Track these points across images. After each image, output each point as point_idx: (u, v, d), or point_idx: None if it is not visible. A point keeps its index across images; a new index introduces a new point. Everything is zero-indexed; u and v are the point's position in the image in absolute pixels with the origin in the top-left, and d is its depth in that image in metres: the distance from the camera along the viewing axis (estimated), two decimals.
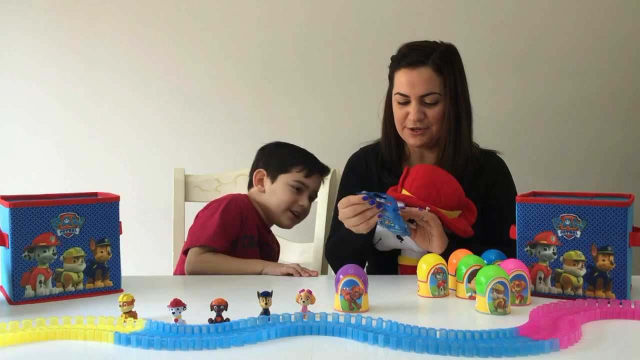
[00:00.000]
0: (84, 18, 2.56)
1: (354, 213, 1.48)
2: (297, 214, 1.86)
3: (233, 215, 1.76)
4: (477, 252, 1.43)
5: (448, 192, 1.57)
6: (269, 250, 1.88)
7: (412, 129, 1.70)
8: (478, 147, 1.79)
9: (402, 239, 1.55)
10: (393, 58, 1.74)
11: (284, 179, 1.84)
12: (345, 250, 1.64)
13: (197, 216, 1.85)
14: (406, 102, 1.69)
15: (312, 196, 1.90)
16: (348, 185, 1.81)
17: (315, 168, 1.87)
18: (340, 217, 1.53)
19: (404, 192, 1.59)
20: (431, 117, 1.68)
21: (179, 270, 1.80)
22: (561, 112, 2.48)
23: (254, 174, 1.89)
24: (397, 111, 1.71)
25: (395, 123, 1.73)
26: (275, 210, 1.85)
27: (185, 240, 1.82)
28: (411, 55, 1.68)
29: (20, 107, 2.60)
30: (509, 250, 1.46)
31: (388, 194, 1.47)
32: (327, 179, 2.07)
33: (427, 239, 1.54)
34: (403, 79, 1.68)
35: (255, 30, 2.53)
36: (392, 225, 1.48)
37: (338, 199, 1.84)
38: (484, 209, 1.71)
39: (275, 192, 1.84)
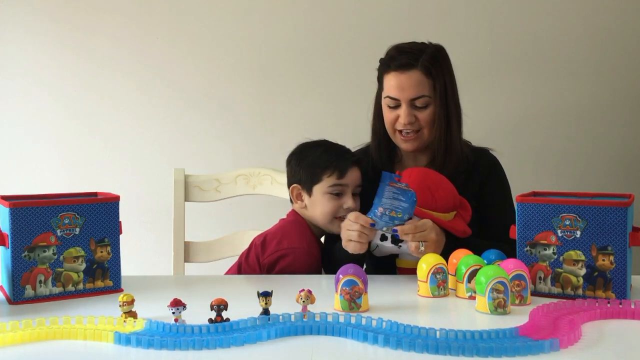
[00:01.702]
0: (84, 19, 2.57)
1: (358, 232, 1.50)
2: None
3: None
4: (476, 245, 1.43)
5: (443, 196, 1.56)
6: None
7: (402, 133, 1.69)
8: (470, 145, 1.79)
9: (400, 245, 1.55)
10: (381, 61, 1.73)
11: (319, 190, 1.70)
12: (340, 261, 1.62)
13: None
14: (396, 106, 1.68)
15: (356, 191, 1.74)
16: None
17: (346, 165, 1.71)
18: (343, 224, 1.54)
19: None
20: (422, 120, 1.68)
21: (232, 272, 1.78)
22: (561, 112, 2.48)
23: (290, 191, 1.77)
24: (388, 115, 1.71)
25: (386, 127, 1.73)
26: (323, 222, 1.73)
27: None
28: (400, 58, 1.67)
29: (21, 108, 2.60)
30: (504, 247, 1.47)
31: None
32: None
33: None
34: (392, 82, 1.67)
35: (255, 30, 2.54)
36: (399, 216, 1.47)
37: None
38: (478, 206, 1.70)
39: (316, 205, 1.72)
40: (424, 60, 1.65)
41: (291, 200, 1.80)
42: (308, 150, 1.77)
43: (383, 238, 1.52)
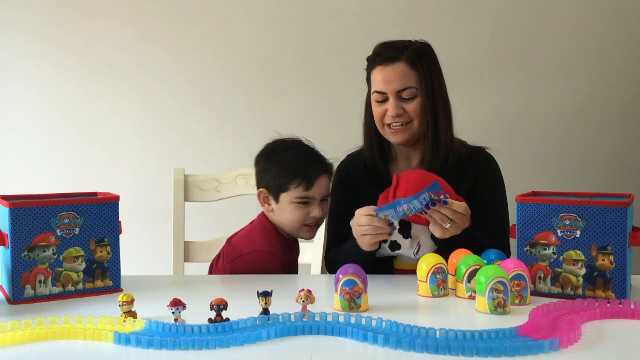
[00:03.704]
0: (83, 23, 2.58)
1: (373, 230, 1.48)
2: (314, 224, 1.74)
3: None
4: (473, 235, 1.42)
5: None
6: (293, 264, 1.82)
7: (391, 127, 1.69)
8: (466, 145, 1.78)
9: (395, 251, 1.55)
10: (369, 58, 1.74)
11: (286, 198, 1.69)
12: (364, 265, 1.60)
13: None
14: (384, 100, 1.69)
15: (324, 199, 1.74)
16: (338, 200, 1.79)
17: (314, 176, 1.69)
18: (355, 222, 1.52)
19: None
20: (411, 112, 1.68)
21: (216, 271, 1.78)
22: (561, 112, 2.48)
23: (258, 195, 1.75)
24: (377, 110, 1.71)
25: (376, 122, 1.72)
26: (290, 229, 1.72)
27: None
28: (385, 52, 1.68)
29: (21, 109, 2.61)
30: (497, 245, 1.48)
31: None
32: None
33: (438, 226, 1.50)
34: (379, 76, 1.68)
35: (253, 32, 2.54)
36: (409, 213, 1.47)
37: (331, 213, 1.79)
38: (470, 204, 1.69)
39: (283, 211, 1.70)
40: (409, 53, 1.66)
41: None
42: (277, 154, 1.74)
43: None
